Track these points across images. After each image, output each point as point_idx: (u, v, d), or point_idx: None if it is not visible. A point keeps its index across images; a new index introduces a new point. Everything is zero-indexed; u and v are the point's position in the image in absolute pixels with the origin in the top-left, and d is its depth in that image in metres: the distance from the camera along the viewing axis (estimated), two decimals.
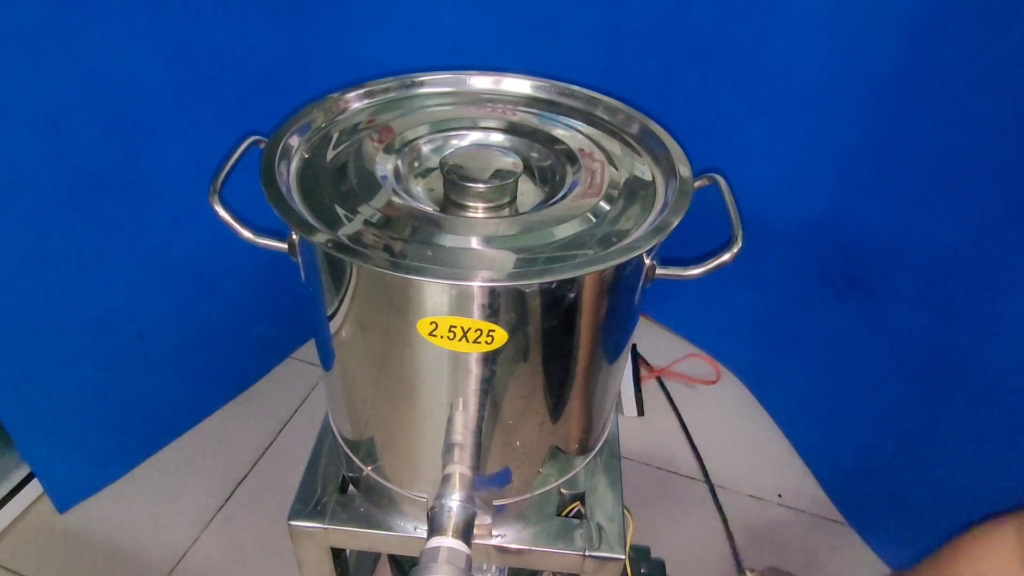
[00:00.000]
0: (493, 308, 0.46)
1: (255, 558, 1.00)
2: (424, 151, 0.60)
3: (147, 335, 1.00)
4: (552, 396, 0.54)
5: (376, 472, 0.62)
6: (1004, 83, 0.69)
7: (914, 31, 0.75)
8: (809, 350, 1.08)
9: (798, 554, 1.03)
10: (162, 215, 0.93)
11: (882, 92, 0.81)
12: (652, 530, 1.05)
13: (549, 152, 0.60)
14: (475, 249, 0.48)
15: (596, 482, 0.67)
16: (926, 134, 0.79)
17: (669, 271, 0.52)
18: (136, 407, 1.05)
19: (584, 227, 0.51)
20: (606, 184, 0.55)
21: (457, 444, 0.55)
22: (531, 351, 0.50)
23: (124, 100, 0.81)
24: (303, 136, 0.59)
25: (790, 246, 1.03)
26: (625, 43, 0.94)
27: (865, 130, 0.85)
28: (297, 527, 0.63)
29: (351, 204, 0.51)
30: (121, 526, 1.02)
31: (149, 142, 0.86)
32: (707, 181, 0.59)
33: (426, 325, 0.46)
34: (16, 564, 0.98)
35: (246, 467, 1.12)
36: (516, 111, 0.65)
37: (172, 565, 0.99)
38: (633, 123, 0.63)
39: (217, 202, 0.52)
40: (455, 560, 0.52)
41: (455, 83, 0.68)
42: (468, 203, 0.53)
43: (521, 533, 0.62)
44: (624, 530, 0.63)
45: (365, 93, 0.65)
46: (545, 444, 0.58)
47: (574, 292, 0.47)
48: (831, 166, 0.91)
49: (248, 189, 0.51)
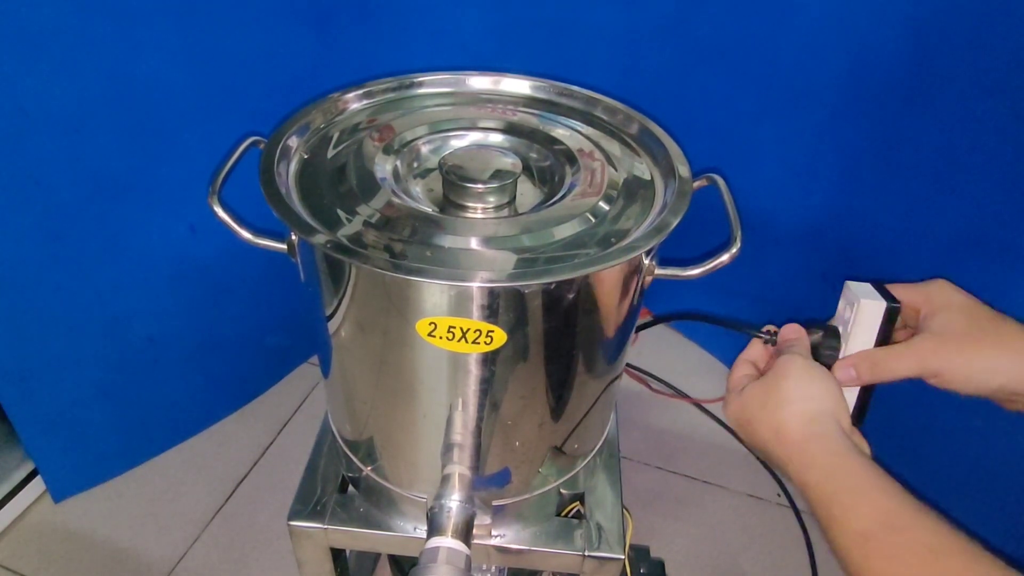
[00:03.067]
0: (492, 309, 0.46)
1: (255, 558, 1.00)
2: (423, 151, 0.60)
3: (157, 340, 1.00)
4: (552, 396, 0.54)
5: (376, 472, 0.62)
6: (1004, 83, 0.69)
7: (917, 32, 0.75)
8: None
9: (798, 554, 1.03)
10: (180, 222, 0.93)
11: (886, 93, 0.81)
12: (652, 530, 1.05)
13: (548, 152, 0.60)
14: (474, 250, 0.48)
15: (596, 482, 0.67)
16: (928, 135, 0.79)
17: (669, 271, 0.52)
18: (142, 409, 1.05)
19: (583, 227, 0.51)
20: (605, 184, 0.55)
21: (456, 444, 0.55)
22: (530, 352, 0.50)
23: (146, 106, 0.81)
24: (302, 137, 0.59)
25: (793, 246, 1.03)
26: (636, 44, 0.94)
27: (869, 131, 0.85)
28: (297, 527, 0.63)
29: (350, 205, 0.51)
30: (121, 526, 1.02)
31: (170, 149, 0.86)
32: (706, 181, 0.59)
33: (425, 326, 0.46)
34: (16, 564, 0.98)
35: (246, 467, 1.12)
36: (515, 111, 0.65)
37: (172, 565, 0.99)
38: (632, 123, 0.63)
39: (216, 203, 0.52)
40: (455, 560, 0.52)
41: (454, 83, 0.68)
42: (467, 203, 0.53)
43: (521, 533, 0.63)
44: (624, 530, 0.63)
45: (364, 93, 0.65)
46: (545, 444, 0.58)
47: (573, 292, 0.47)
48: (835, 166, 0.91)
49: (248, 190, 0.51)
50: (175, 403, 1.09)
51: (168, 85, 0.82)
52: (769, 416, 0.50)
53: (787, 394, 0.49)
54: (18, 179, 0.76)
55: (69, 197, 0.81)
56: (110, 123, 0.79)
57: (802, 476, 0.47)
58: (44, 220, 0.80)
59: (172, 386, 1.06)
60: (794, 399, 0.49)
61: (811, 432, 0.48)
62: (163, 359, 1.02)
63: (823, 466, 0.46)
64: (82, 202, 0.82)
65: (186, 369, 1.06)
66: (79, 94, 0.75)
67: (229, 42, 0.84)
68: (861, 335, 0.52)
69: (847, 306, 0.53)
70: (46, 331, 0.88)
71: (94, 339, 0.93)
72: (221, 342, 1.09)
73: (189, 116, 0.85)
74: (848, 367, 0.51)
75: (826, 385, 0.50)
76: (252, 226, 0.52)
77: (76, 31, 0.72)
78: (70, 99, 0.75)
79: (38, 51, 0.71)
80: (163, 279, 0.95)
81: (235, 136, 0.59)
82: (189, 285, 0.99)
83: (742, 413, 0.52)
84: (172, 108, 0.83)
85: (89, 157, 0.80)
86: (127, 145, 0.82)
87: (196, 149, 0.87)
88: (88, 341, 0.92)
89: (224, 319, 1.07)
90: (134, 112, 0.80)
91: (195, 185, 0.89)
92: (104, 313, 0.92)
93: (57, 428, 0.97)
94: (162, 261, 0.94)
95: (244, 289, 1.06)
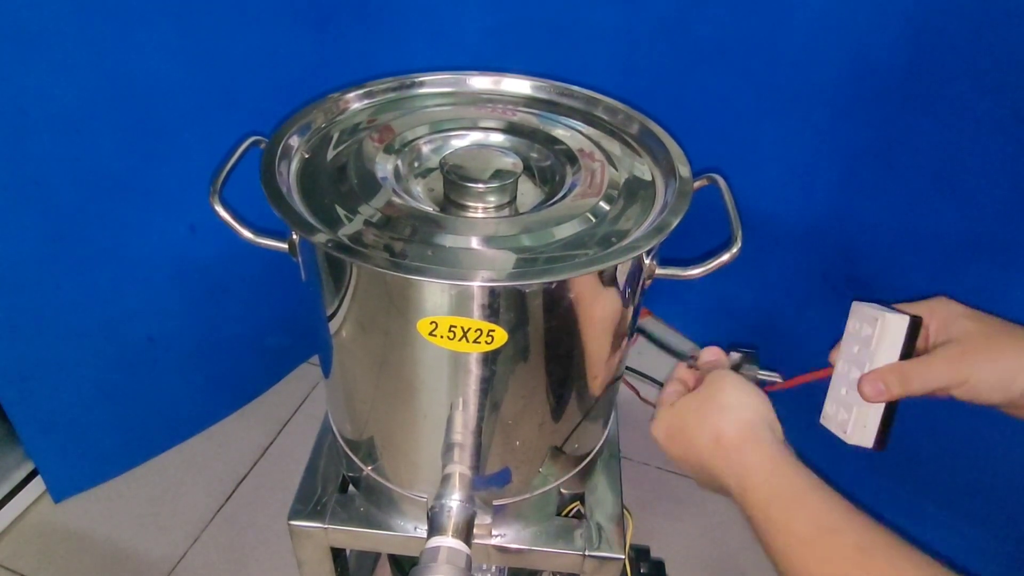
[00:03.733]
0: (493, 308, 0.46)
1: (255, 558, 1.00)
2: (424, 151, 0.60)
3: (157, 340, 1.00)
4: (552, 396, 0.54)
5: (376, 472, 0.62)
6: (1004, 83, 0.69)
7: (917, 32, 0.75)
8: (810, 350, 1.08)
9: None
10: (180, 222, 0.93)
11: (886, 93, 0.81)
12: (652, 530, 1.05)
13: (549, 152, 0.60)
14: (475, 249, 0.48)
15: (596, 482, 0.67)
16: (928, 135, 0.79)
17: (669, 271, 0.52)
18: (142, 409, 1.05)
19: (584, 227, 0.51)
20: (606, 184, 0.55)
21: (457, 444, 0.55)
22: (531, 351, 0.50)
23: (146, 106, 0.81)
24: (303, 136, 0.59)
25: (793, 246, 1.03)
26: (636, 44, 0.94)
27: (869, 131, 0.85)
28: (297, 527, 0.63)
29: (351, 204, 0.51)
30: (121, 526, 1.02)
31: (170, 149, 0.86)
32: (706, 181, 0.59)
33: (426, 325, 0.46)
34: (16, 564, 0.98)
35: (246, 467, 1.12)
36: (516, 111, 0.65)
37: (172, 565, 0.99)
38: (633, 123, 0.63)
39: (217, 202, 0.52)
40: (455, 560, 0.52)
41: (455, 83, 0.68)
42: (468, 203, 0.53)
43: (521, 533, 0.63)
44: (624, 530, 0.63)
45: (365, 93, 0.65)
46: (545, 444, 0.58)
47: (574, 292, 0.47)
48: (835, 166, 0.91)
49: (249, 189, 0.51)
50: (175, 403, 1.09)
51: (168, 85, 0.81)
52: (706, 423, 0.51)
53: (724, 402, 0.51)
54: (18, 179, 0.76)
55: (69, 197, 0.81)
56: (110, 123, 0.79)
57: (740, 480, 0.48)
58: (44, 220, 0.80)
59: (172, 386, 1.06)
60: (732, 406, 0.51)
61: (749, 437, 0.49)
62: (163, 359, 1.02)
63: (762, 470, 0.47)
64: (82, 202, 0.82)
65: (186, 369, 1.06)
66: (79, 94, 0.75)
67: (229, 42, 0.84)
68: (885, 351, 0.51)
69: (863, 324, 0.53)
70: (46, 331, 0.88)
71: (94, 339, 0.93)
72: (221, 342, 1.08)
73: (189, 116, 0.85)
74: (876, 381, 0.50)
75: (760, 397, 0.52)
76: (253, 226, 0.52)
77: (76, 31, 0.72)
78: (70, 99, 0.75)
79: (38, 51, 0.71)
80: (163, 279, 0.95)
81: (235, 136, 0.59)
82: (189, 285, 0.99)
83: (675, 422, 0.53)
84: (172, 108, 0.83)
85: (89, 157, 0.80)
86: (127, 145, 0.82)
87: (196, 149, 0.87)
88: (88, 341, 0.92)
89: (224, 319, 1.07)
90: (134, 112, 0.80)
91: (195, 185, 0.89)
92: (104, 313, 0.92)
93: (57, 428, 0.97)
94: (162, 261, 0.94)
95: (244, 289, 1.06)
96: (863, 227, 0.91)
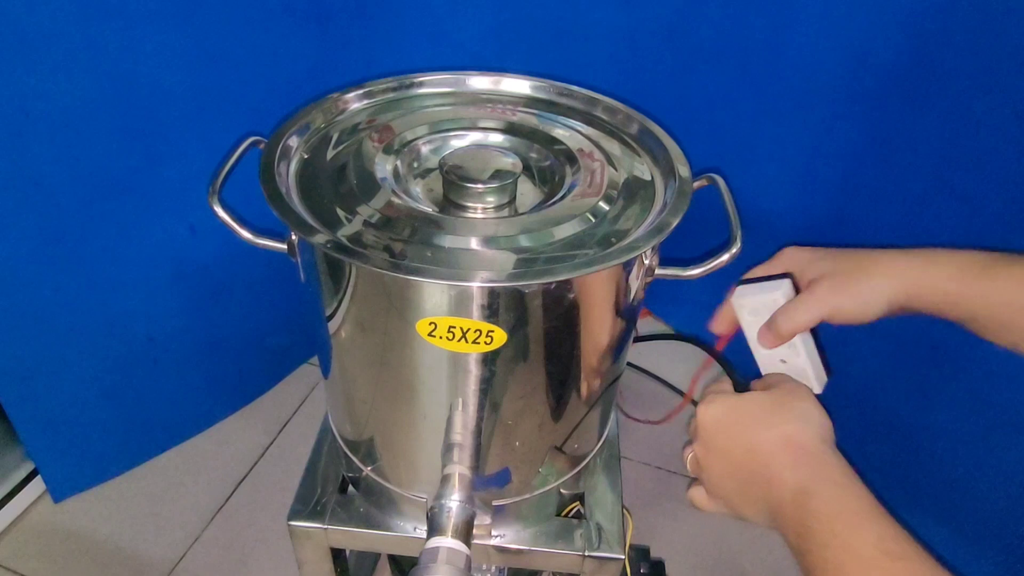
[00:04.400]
0: (492, 309, 0.46)
1: (255, 558, 1.00)
2: (423, 151, 0.60)
3: (157, 340, 1.00)
4: (552, 396, 0.54)
5: (376, 472, 0.62)
6: (1004, 83, 0.69)
7: (917, 32, 0.75)
8: None
9: None
10: (180, 223, 0.92)
11: (886, 93, 0.81)
12: (652, 530, 1.05)
13: (548, 152, 0.60)
14: (474, 250, 0.48)
15: (596, 482, 0.67)
16: (928, 135, 0.79)
17: (669, 271, 0.52)
18: (142, 409, 1.05)
19: (583, 227, 0.51)
20: (605, 184, 0.55)
21: (456, 444, 0.55)
22: (531, 351, 0.50)
23: (146, 106, 0.81)
24: (302, 136, 0.59)
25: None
26: (636, 44, 0.94)
27: (869, 131, 0.85)
28: (297, 527, 0.63)
29: (350, 205, 0.51)
30: (121, 525, 1.03)
31: (170, 149, 0.86)
32: (706, 181, 0.59)
33: (425, 326, 0.46)
34: (16, 564, 0.98)
35: (246, 467, 1.12)
36: (515, 111, 0.65)
37: (172, 565, 0.99)
38: (632, 123, 0.63)
39: (216, 202, 0.52)
40: (455, 560, 0.52)
41: (454, 83, 0.68)
42: (468, 203, 0.53)
43: (521, 533, 0.63)
44: (624, 530, 0.63)
45: (364, 93, 0.65)
46: (545, 444, 0.58)
47: (573, 292, 0.47)
48: (835, 166, 0.91)
49: (248, 190, 0.51)
50: (175, 403, 1.09)
51: (168, 85, 0.81)
52: (778, 424, 0.51)
53: (805, 413, 0.52)
54: (18, 180, 0.76)
55: (69, 198, 0.81)
56: (110, 123, 0.79)
57: (808, 484, 0.48)
58: (44, 221, 0.80)
59: (172, 386, 1.06)
60: (812, 419, 0.51)
61: (825, 449, 0.49)
62: (163, 359, 1.02)
63: (833, 483, 0.47)
64: (82, 203, 0.82)
65: (186, 369, 1.06)
66: (79, 94, 0.75)
67: (229, 42, 0.84)
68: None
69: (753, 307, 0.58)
70: (46, 331, 0.88)
71: (94, 339, 0.93)
72: (221, 342, 1.08)
73: (189, 116, 0.85)
74: (767, 331, 0.57)
75: (830, 420, 0.52)
76: (252, 226, 0.52)
77: (76, 32, 0.72)
78: (70, 100, 0.75)
79: (38, 52, 0.71)
80: (163, 279, 0.95)
81: (235, 136, 0.59)
82: (189, 285, 0.99)
83: (733, 415, 0.53)
84: (172, 108, 0.83)
85: (89, 157, 0.80)
86: (127, 145, 0.82)
87: (196, 149, 0.87)
88: (88, 341, 0.92)
89: (224, 319, 1.07)
90: (134, 112, 0.80)
91: (195, 185, 0.90)
92: (104, 313, 0.92)
93: (57, 428, 0.97)
94: (162, 261, 0.94)
95: (244, 289, 1.06)
96: (863, 227, 0.91)
